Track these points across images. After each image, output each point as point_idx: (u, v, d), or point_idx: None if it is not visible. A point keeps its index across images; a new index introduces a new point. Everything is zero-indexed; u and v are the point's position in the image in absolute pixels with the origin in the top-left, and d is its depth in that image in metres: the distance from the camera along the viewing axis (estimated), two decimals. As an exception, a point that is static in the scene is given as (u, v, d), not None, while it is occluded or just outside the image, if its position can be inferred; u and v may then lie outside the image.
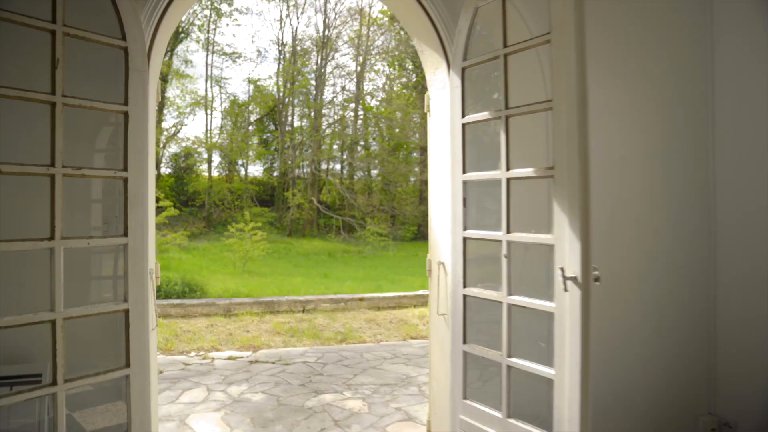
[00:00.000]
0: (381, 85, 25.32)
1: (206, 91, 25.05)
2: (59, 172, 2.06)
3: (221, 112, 25.91)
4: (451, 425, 2.70)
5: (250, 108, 26.31)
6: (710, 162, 3.27)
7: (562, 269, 2.09)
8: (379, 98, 25.43)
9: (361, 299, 8.03)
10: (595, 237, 2.92)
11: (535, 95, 2.45)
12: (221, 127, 25.72)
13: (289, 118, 25.75)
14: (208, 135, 24.66)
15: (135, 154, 2.27)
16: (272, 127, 26.72)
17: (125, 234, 2.25)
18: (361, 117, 25.69)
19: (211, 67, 25.13)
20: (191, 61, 25.69)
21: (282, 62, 25.43)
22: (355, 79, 25.63)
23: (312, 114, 25.33)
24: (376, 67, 25.05)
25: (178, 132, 24.82)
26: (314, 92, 25.26)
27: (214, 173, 24.68)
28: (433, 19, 2.79)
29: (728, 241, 3.22)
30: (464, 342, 2.64)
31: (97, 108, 2.23)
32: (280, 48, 25.46)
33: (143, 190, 2.31)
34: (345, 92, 25.96)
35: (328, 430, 3.86)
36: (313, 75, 25.52)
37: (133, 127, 2.27)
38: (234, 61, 26.56)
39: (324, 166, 25.53)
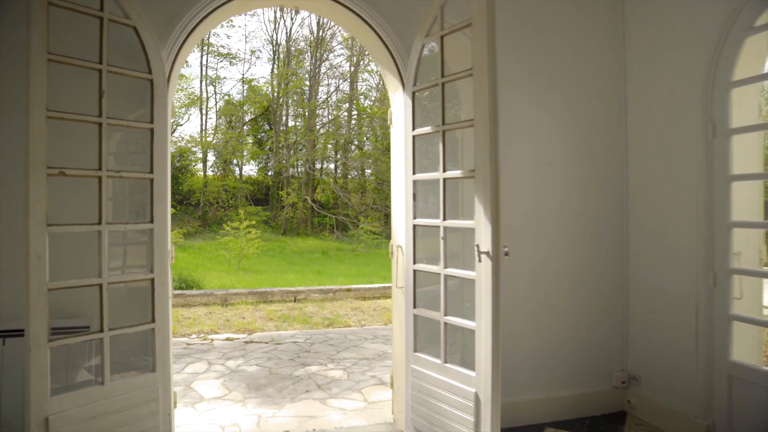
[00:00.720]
0: (374, 85, 26.06)
1: (201, 90, 25.78)
2: (104, 174, 2.83)
3: (216, 111, 26.62)
4: (406, 375, 3.48)
5: (245, 108, 27.01)
6: (623, 161, 4.07)
7: (477, 246, 2.86)
8: (373, 98, 26.17)
9: (348, 290, 8.82)
10: (525, 221, 3.75)
11: (467, 114, 3.23)
12: (216, 127, 26.46)
13: (284, 118, 26.44)
14: (203, 134, 25.38)
15: (158, 160, 3.04)
16: (267, 127, 27.43)
17: (151, 221, 3.03)
18: (355, 117, 26.42)
19: (206, 67, 25.86)
20: (187, 62, 26.26)
21: (276, 63, 26.15)
22: (348, 80, 26.39)
23: (306, 114, 26.05)
24: (369, 68, 25.79)
25: (174, 132, 25.50)
26: (308, 92, 25.98)
27: (209, 172, 25.38)
28: (392, 52, 3.57)
29: (640, 224, 4.03)
30: (414, 306, 3.43)
31: (131, 126, 3.00)
32: (274, 48, 26.20)
33: (164, 188, 3.08)
34: (339, 92, 26.69)
35: (312, 392, 4.64)
36: (307, 75, 26.26)
37: (157, 140, 3.04)
38: (229, 62, 27.24)
39: (318, 166, 26.27)
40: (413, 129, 3.42)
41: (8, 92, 2.97)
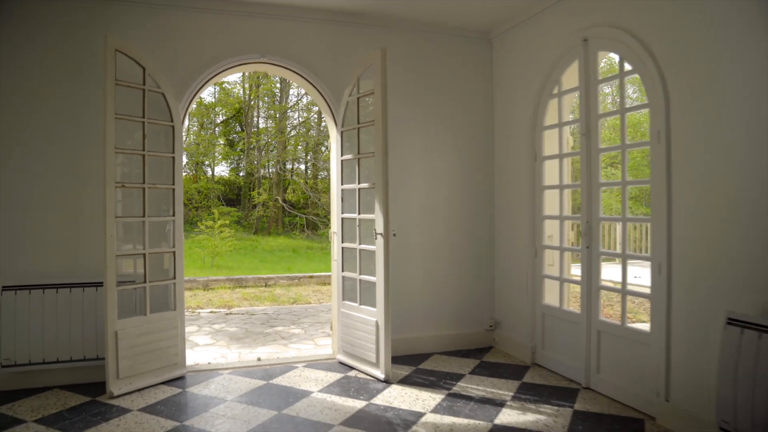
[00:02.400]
0: (344, 89, 27.92)
1: (174, 93, 27.35)
2: (146, 186, 4.84)
3: (188, 114, 28.21)
4: (338, 316, 5.55)
5: (216, 110, 28.72)
6: (490, 172, 6.20)
7: (374, 229, 4.95)
8: (342, 101, 28.01)
9: (311, 277, 10.86)
10: (419, 213, 5.84)
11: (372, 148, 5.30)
12: (188, 129, 28.16)
13: (255, 120, 28.23)
14: (176, 136, 26.95)
15: (177, 177, 5.05)
16: (238, 128, 29.21)
17: (173, 215, 5.05)
18: (325, 120, 28.28)
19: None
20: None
21: (248, 66, 27.83)
22: (318, 83, 28.21)
23: (277, 116, 27.89)
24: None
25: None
26: (279, 95, 27.83)
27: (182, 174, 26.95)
28: (329, 103, 5.64)
29: (501, 218, 6.16)
30: (342, 270, 5.51)
31: (161, 155, 5.01)
32: (245, 52, 27.90)
33: (180, 195, 5.10)
34: (309, 95, 28.52)
35: (277, 341, 6.68)
36: (278, 78, 28.10)
37: (177, 164, 5.06)
38: (201, 65, 28.84)
39: (289, 166, 28.14)
40: (341, 155, 5.51)
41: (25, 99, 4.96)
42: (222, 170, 29.31)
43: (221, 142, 28.72)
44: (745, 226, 3.49)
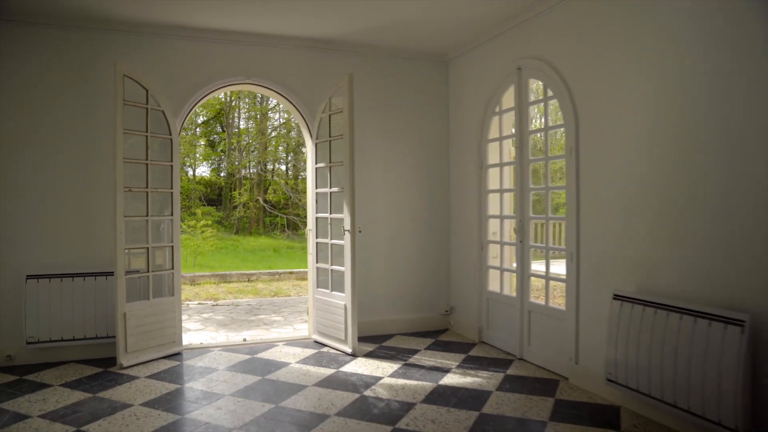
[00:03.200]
0: (324, 91, 28.86)
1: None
2: (150, 190, 5.83)
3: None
4: (313, 302, 6.58)
5: (197, 110, 29.51)
6: (446, 178, 7.28)
7: (343, 226, 5.99)
8: (322, 103, 28.96)
9: (291, 272, 11.87)
10: (383, 213, 6.89)
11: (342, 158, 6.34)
12: (169, 129, 28.85)
13: (236, 121, 29.06)
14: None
15: (175, 182, 6.04)
16: (219, 129, 30.03)
17: (172, 214, 6.04)
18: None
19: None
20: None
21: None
22: (299, 85, 29.11)
23: (258, 117, 28.76)
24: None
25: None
26: (260, 96, 28.71)
27: (164, 174, 27.66)
28: (305, 118, 6.67)
29: (455, 218, 7.25)
30: (317, 262, 6.55)
31: (161, 164, 6.00)
32: (226, 54, 28.72)
33: (177, 197, 6.09)
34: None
35: (260, 326, 7.69)
36: (258, 80, 28.96)
37: (174, 171, 6.04)
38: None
39: (270, 167, 29.02)
40: (315, 164, 6.55)
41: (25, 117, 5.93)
42: (203, 171, 30.08)
43: (202, 142, 29.52)
44: (630, 225, 4.59)
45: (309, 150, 6.80)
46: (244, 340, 6.78)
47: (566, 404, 4.66)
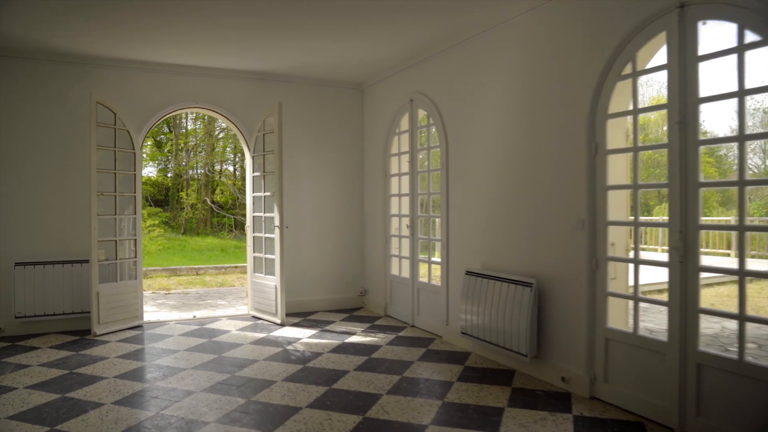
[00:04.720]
0: (271, 94, 30.37)
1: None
2: (117, 194, 7.56)
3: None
4: (252, 284, 8.41)
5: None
6: (361, 184, 9.23)
7: (273, 222, 7.85)
8: (269, 106, 30.44)
9: (236, 267, 13.60)
10: (311, 212, 8.82)
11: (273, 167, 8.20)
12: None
13: (183, 122, 30.28)
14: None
15: (138, 187, 7.78)
16: (166, 129, 31.18)
17: (135, 213, 7.78)
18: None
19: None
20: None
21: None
22: (246, 88, 30.51)
23: (206, 118, 30.07)
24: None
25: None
26: (208, 99, 30.00)
27: (110, 175, 28.62)
28: (245, 136, 8.50)
29: (368, 216, 9.21)
30: (254, 252, 8.39)
31: (126, 173, 7.73)
32: (174, 57, 29.92)
33: (140, 199, 7.82)
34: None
35: (207, 308, 9.47)
36: (206, 82, 30.27)
37: (137, 178, 7.79)
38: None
39: (218, 168, 30.36)
40: (253, 173, 8.40)
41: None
42: (150, 171, 31.15)
43: (148, 143, 30.63)
44: (477, 221, 6.60)
45: (247, 161, 8.64)
46: (194, 316, 8.54)
47: (434, 352, 6.65)
